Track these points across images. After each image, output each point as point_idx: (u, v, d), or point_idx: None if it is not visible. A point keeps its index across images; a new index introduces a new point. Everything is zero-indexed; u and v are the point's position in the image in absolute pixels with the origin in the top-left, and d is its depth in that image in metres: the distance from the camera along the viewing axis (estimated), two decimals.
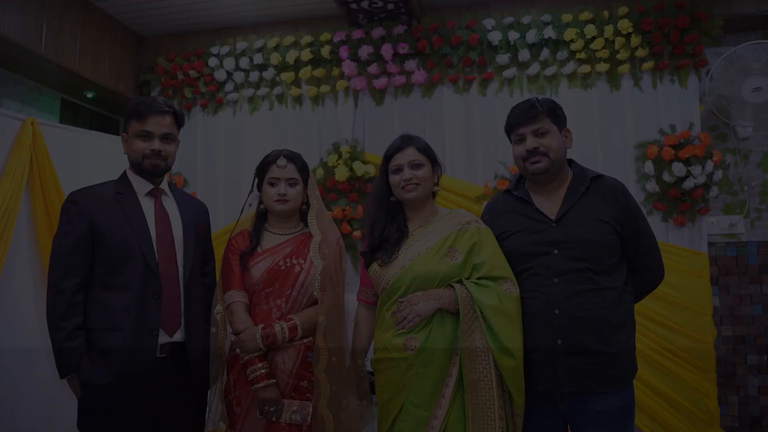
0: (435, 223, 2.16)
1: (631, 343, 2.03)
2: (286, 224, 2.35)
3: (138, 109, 2.23)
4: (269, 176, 2.30)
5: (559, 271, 1.99)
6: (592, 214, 2.04)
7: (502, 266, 2.05)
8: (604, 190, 2.08)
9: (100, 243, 2.15)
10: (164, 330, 2.16)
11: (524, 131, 2.09)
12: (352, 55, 4.17)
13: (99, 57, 4.19)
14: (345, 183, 4.05)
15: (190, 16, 4.36)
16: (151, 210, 2.28)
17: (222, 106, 4.46)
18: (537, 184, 2.15)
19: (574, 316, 1.96)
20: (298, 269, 2.22)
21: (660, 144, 3.71)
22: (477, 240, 2.08)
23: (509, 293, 2.00)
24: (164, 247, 2.23)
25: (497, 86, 4.01)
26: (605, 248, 2.01)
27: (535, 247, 2.05)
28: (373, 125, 4.18)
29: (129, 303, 2.11)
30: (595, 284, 1.98)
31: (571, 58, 3.90)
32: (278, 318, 2.18)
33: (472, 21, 4.01)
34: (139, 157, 2.24)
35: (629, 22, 3.77)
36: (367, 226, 2.27)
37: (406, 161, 2.15)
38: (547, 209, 2.09)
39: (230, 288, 2.24)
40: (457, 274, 2.04)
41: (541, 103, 2.10)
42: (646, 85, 3.82)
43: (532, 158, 2.07)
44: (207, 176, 4.42)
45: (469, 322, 1.97)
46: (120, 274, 2.13)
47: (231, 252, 2.30)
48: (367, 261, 2.19)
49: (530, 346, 1.99)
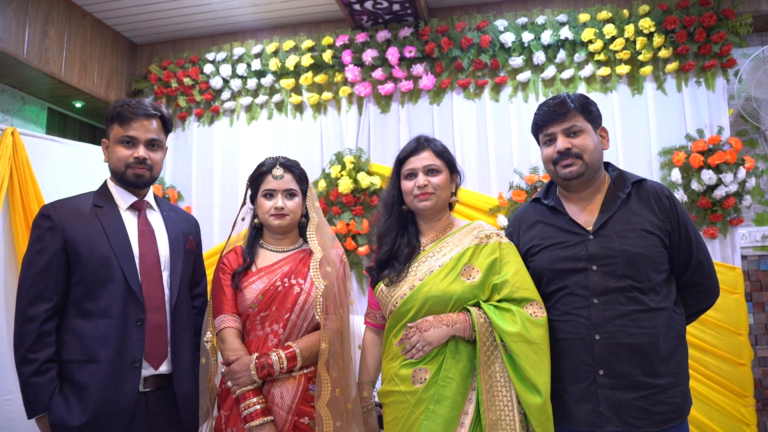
0: (450, 237, 1.98)
1: (684, 373, 1.83)
2: (283, 240, 2.19)
3: (120, 112, 2.06)
4: (264, 188, 2.14)
5: (598, 291, 1.81)
6: (635, 224, 1.85)
7: (527, 286, 1.87)
8: (647, 196, 1.90)
9: (75, 263, 1.97)
10: (148, 361, 1.98)
11: (554, 130, 1.93)
12: (355, 59, 4.04)
13: (87, 64, 4.02)
14: (349, 195, 3.89)
15: (185, 20, 4.22)
16: (134, 225, 2.10)
17: (218, 115, 4.34)
18: (570, 191, 1.98)
19: (618, 342, 1.77)
20: (298, 290, 2.05)
21: (687, 150, 3.53)
22: (497, 256, 1.90)
23: (535, 318, 1.81)
24: (148, 266, 2.05)
25: (510, 91, 3.85)
26: (651, 263, 1.82)
27: (571, 263, 1.87)
28: (378, 134, 4.04)
29: (108, 331, 1.93)
30: (642, 305, 1.79)
31: (590, 59, 3.75)
32: (275, 346, 2.01)
33: (483, 22, 3.88)
34: (122, 166, 2.07)
35: (651, 20, 3.61)
36: (375, 238, 2.11)
37: (420, 166, 1.99)
38: (583, 219, 1.92)
39: (221, 312, 2.06)
40: (474, 295, 1.86)
41: (573, 99, 1.94)
42: (670, 88, 3.66)
43: (564, 161, 1.91)
44: (202, 190, 4.28)
45: (488, 351, 1.79)
46: (98, 299, 1.95)
47: (222, 272, 2.12)
48: (374, 279, 2.03)
49: (566, 378, 1.81)
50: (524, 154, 3.75)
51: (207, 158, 4.29)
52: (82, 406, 1.87)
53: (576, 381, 1.80)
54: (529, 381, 1.75)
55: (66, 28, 3.81)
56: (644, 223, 1.85)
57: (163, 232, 2.16)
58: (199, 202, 4.24)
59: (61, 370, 1.92)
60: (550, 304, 1.89)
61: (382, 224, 2.07)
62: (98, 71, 4.11)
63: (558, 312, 1.86)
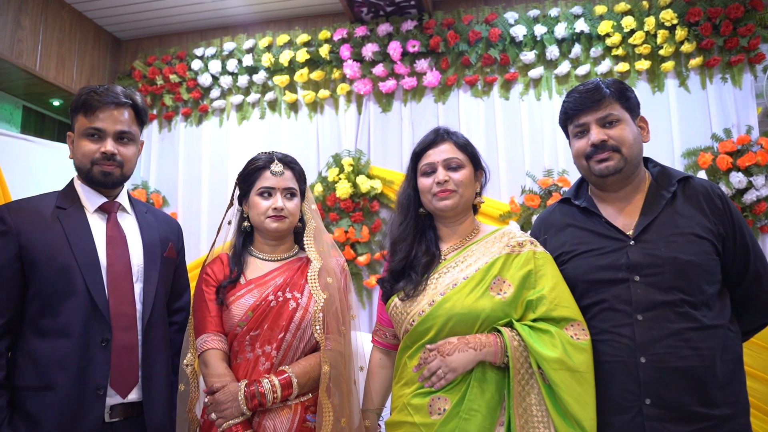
0: (476, 245, 1.77)
1: (744, 401, 1.64)
2: (277, 247, 1.98)
3: (86, 100, 1.85)
4: (260, 185, 1.92)
5: (643, 305, 1.63)
6: (683, 228, 1.68)
7: (567, 304, 1.67)
8: (696, 195, 1.73)
9: (32, 273, 1.75)
10: (115, 388, 1.75)
11: (587, 120, 1.76)
12: (354, 54, 3.89)
13: (65, 59, 3.83)
14: (347, 200, 3.73)
15: (172, 13, 4.08)
16: (101, 230, 1.86)
17: (207, 114, 4.19)
18: (604, 190, 1.80)
19: (668, 366, 1.58)
20: (293, 305, 1.84)
21: (714, 151, 3.34)
22: (532, 267, 1.69)
23: (578, 341, 1.61)
24: (117, 277, 1.81)
25: (522, 88, 3.68)
26: (704, 272, 1.63)
27: (609, 273, 1.68)
28: (379, 134, 3.88)
29: (67, 353, 1.70)
30: (694, 321, 1.60)
31: (607, 54, 3.57)
32: (267, 370, 1.79)
33: (492, 14, 3.74)
34: (87, 163, 1.86)
35: (673, 12, 3.43)
36: (388, 245, 1.91)
37: (440, 159, 1.79)
38: (621, 222, 1.74)
39: (204, 331, 1.85)
40: (505, 313, 1.65)
41: (608, 84, 1.77)
42: (694, 85, 3.47)
43: (599, 155, 1.73)
44: (189, 195, 4.12)
45: (522, 380, 1.59)
46: (56, 315, 1.73)
47: (205, 283, 1.91)
48: (386, 292, 1.81)
49: (607, 408, 1.60)
50: (537, 155, 3.58)
51: (194, 161, 4.14)
52: None
53: (618, 411, 1.60)
54: (571, 416, 1.53)
55: (42, 18, 3.63)
56: (694, 226, 1.67)
57: (136, 237, 1.92)
58: (186, 208, 4.09)
59: (13, 398, 1.70)
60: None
61: (397, 228, 1.87)
62: (78, 67, 3.93)
63: (594, 330, 1.66)
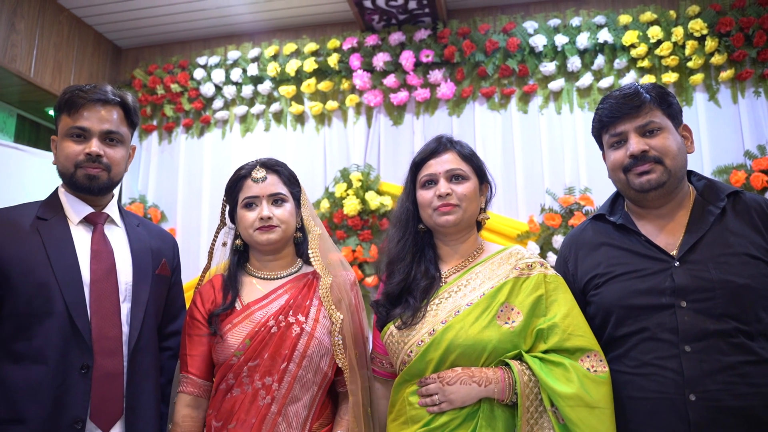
0: (481, 266, 1.66)
1: None
2: (276, 262, 1.81)
3: (70, 99, 1.73)
4: (244, 196, 1.77)
5: (692, 335, 1.50)
6: (735, 247, 1.55)
7: (581, 333, 1.55)
8: (748, 211, 1.61)
9: (6, 290, 1.62)
10: (95, 422, 1.60)
11: (625, 129, 1.64)
12: (364, 64, 3.81)
13: (62, 66, 3.72)
14: (356, 218, 3.63)
15: (175, 21, 4.00)
16: (86, 243, 1.73)
17: (209, 126, 4.10)
18: (644, 206, 1.68)
19: (723, 405, 1.44)
20: (297, 331, 1.66)
21: (747, 169, 3.23)
22: (542, 293, 1.58)
23: (595, 374, 1.50)
24: (102, 296, 1.68)
25: (541, 101, 3.60)
26: (761, 298, 1.51)
27: (651, 298, 1.55)
28: (389, 149, 3.79)
29: (40, 381, 1.57)
30: (752, 354, 1.47)
31: (632, 66, 3.49)
32: (268, 405, 1.60)
33: (510, 23, 3.68)
34: (70, 166, 1.73)
35: (703, 22, 3.35)
36: (384, 265, 1.78)
37: (442, 170, 1.68)
38: (663, 241, 1.62)
39: (181, 369, 1.73)
40: (514, 345, 1.54)
41: (648, 89, 1.66)
42: (724, 99, 3.38)
43: (640, 167, 1.61)
44: (189, 210, 4.02)
45: (532, 420, 1.47)
46: (31, 338, 1.59)
47: (190, 314, 1.77)
48: (381, 318, 1.69)
49: None
50: (557, 172, 3.47)
51: (195, 174, 4.04)
52: None
53: None
54: None
55: (38, 23, 3.52)
56: (747, 245, 1.55)
57: (125, 252, 1.78)
58: (185, 224, 3.97)
59: None
60: (622, 352, 1.57)
61: (394, 247, 1.75)
62: (75, 74, 3.82)
63: (634, 363, 1.55)
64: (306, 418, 1.63)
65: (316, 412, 1.66)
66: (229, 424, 1.60)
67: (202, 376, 1.69)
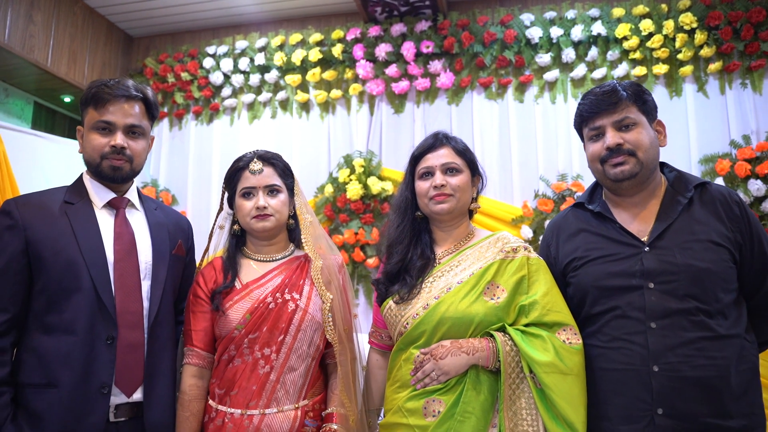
0: (471, 249, 1.78)
1: (760, 413, 1.61)
2: (271, 247, 1.93)
3: (96, 93, 1.82)
4: (242, 186, 1.89)
5: (657, 313, 1.60)
6: (699, 234, 1.65)
7: (559, 309, 1.68)
8: (713, 201, 1.70)
9: (38, 268, 1.72)
10: (119, 387, 1.72)
11: (603, 123, 1.73)
12: (367, 54, 3.86)
13: (77, 55, 3.82)
14: (358, 202, 3.71)
15: (185, 11, 4.07)
16: (109, 226, 1.83)
17: (218, 113, 4.17)
18: (619, 195, 1.78)
19: (682, 375, 1.55)
20: (292, 307, 1.79)
21: (732, 158, 3.29)
22: (525, 273, 1.71)
23: (569, 346, 1.62)
24: (125, 274, 1.78)
25: (536, 91, 3.66)
26: (720, 280, 1.61)
27: (623, 280, 1.66)
28: (391, 136, 3.85)
29: (71, 350, 1.67)
30: (709, 330, 1.57)
31: (624, 58, 3.54)
32: (267, 374, 1.74)
33: (508, 16, 3.71)
34: (96, 157, 1.83)
35: (693, 16, 3.39)
36: (384, 247, 1.91)
37: (438, 164, 1.80)
38: (636, 228, 1.72)
39: (186, 343, 1.85)
40: (498, 318, 1.67)
41: (625, 87, 1.74)
42: (713, 90, 3.43)
43: (614, 158, 1.70)
44: (199, 194, 4.11)
45: (513, 385, 1.61)
46: (62, 311, 1.70)
47: (193, 293, 1.89)
48: (381, 294, 1.83)
49: (616, 416, 1.60)
50: (551, 159, 3.55)
51: (205, 160, 4.12)
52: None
53: (629, 421, 1.58)
54: (563, 418, 1.56)
55: (54, 13, 3.61)
56: (710, 233, 1.65)
57: (145, 234, 1.89)
58: (195, 206, 4.07)
59: (17, 395, 1.68)
60: (596, 328, 1.68)
61: (393, 231, 1.88)
62: (89, 63, 3.91)
63: (606, 338, 1.65)
64: (301, 386, 1.76)
65: (311, 381, 1.79)
66: (231, 391, 1.73)
67: (205, 348, 1.81)
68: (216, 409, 1.75)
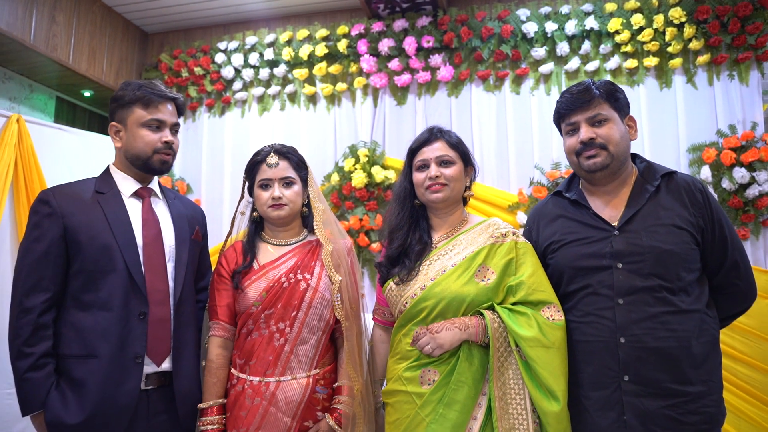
0: (464, 235, 1.90)
1: (717, 380, 1.72)
2: (286, 232, 2.08)
3: (145, 94, 1.97)
4: (260, 178, 2.04)
5: (624, 290, 1.72)
6: (664, 219, 1.76)
7: (543, 288, 1.80)
8: (678, 189, 1.80)
9: (75, 252, 1.87)
10: (150, 357, 1.88)
11: (577, 119, 1.84)
12: (371, 49, 3.94)
13: (96, 52, 3.94)
14: (362, 190, 3.81)
15: (197, 8, 4.15)
16: (137, 213, 1.99)
17: (229, 106, 4.26)
18: (593, 184, 1.89)
19: (645, 346, 1.67)
20: (304, 286, 1.94)
21: (718, 147, 3.39)
22: (513, 256, 1.83)
23: (552, 321, 1.74)
24: (152, 257, 1.94)
25: (532, 83, 3.73)
26: (682, 261, 1.71)
27: (594, 260, 1.77)
28: (393, 126, 3.94)
29: (108, 325, 1.82)
30: (671, 306, 1.69)
31: (616, 51, 3.62)
32: (282, 346, 1.89)
33: (505, 11, 3.77)
34: (149, 151, 1.98)
35: (682, 10, 3.46)
36: (386, 233, 2.02)
37: (433, 156, 1.92)
38: (608, 214, 1.83)
39: (211, 318, 2.00)
40: (488, 298, 1.79)
41: (598, 86, 1.84)
42: (701, 82, 3.51)
43: (588, 152, 1.81)
44: (212, 182, 4.22)
45: (501, 357, 1.73)
46: (98, 290, 1.85)
47: (217, 273, 2.03)
48: (383, 276, 1.95)
49: (587, 383, 1.73)
50: (545, 149, 3.64)
51: (217, 150, 4.22)
52: (80, 404, 1.77)
53: (598, 387, 1.71)
54: (545, 387, 1.67)
55: (75, 14, 3.74)
56: (674, 218, 1.75)
57: (168, 221, 2.05)
58: (209, 195, 4.17)
59: (59, 366, 1.83)
60: (572, 305, 1.80)
61: (394, 218, 1.99)
62: (107, 60, 4.03)
63: (579, 313, 1.77)
64: (313, 357, 1.91)
65: (321, 352, 1.93)
66: (250, 360, 1.89)
67: (229, 322, 1.96)
68: (237, 377, 1.90)
